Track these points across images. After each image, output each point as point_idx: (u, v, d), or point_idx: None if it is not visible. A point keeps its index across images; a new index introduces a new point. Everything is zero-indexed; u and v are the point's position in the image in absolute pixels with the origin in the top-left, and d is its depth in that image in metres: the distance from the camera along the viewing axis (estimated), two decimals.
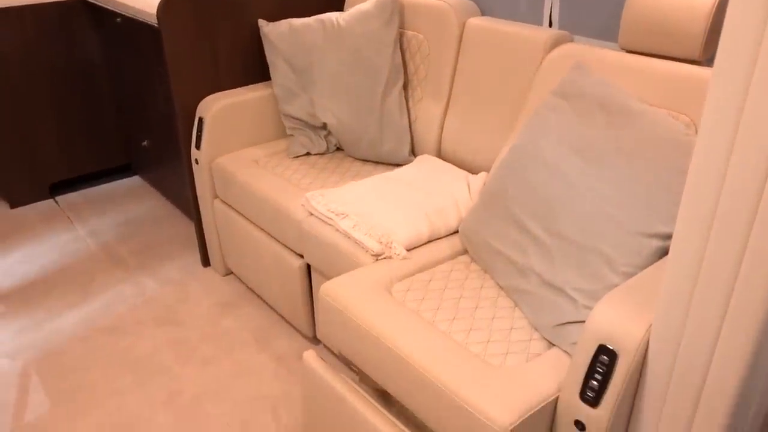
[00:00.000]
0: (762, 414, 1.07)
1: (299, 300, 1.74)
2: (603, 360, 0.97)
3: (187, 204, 2.32)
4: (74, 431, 1.57)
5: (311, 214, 1.61)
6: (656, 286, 1.03)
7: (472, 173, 1.73)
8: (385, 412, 1.24)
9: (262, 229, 1.83)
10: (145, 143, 2.57)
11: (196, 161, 1.99)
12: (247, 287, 2.12)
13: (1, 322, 1.97)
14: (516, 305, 1.28)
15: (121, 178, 2.91)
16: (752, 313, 0.83)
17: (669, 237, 1.10)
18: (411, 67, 1.92)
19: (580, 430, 1.03)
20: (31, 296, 2.09)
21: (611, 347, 0.96)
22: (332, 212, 1.54)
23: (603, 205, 1.17)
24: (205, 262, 2.23)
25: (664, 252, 1.12)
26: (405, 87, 1.93)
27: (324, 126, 1.97)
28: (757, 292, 0.82)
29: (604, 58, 1.43)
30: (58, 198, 2.73)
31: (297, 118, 1.98)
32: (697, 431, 0.94)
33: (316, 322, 1.78)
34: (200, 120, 1.94)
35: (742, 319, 0.84)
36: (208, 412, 1.62)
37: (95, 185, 2.84)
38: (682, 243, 0.88)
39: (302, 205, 1.63)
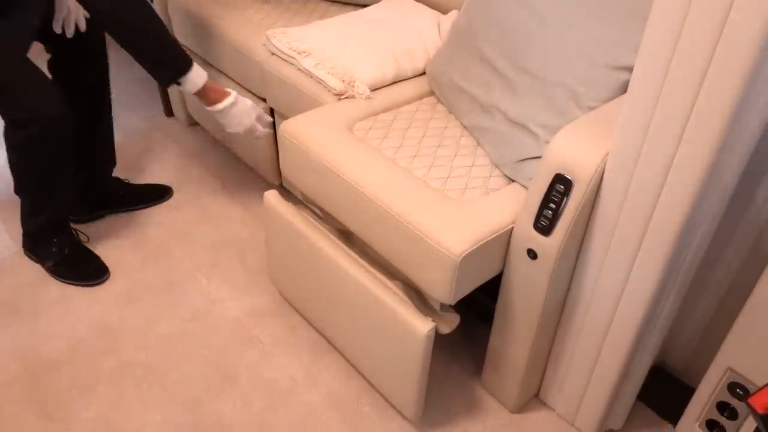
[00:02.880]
0: (706, 243, 1.10)
1: (264, 147, 1.71)
2: (559, 189, 0.97)
3: None
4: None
5: (273, 54, 1.52)
6: (616, 117, 1.01)
7: (445, 14, 1.64)
8: (346, 248, 1.25)
9: (223, 73, 1.75)
10: None
11: None
12: (213, 138, 2.07)
13: None
14: (479, 144, 1.26)
15: None
16: (708, 135, 0.82)
17: None
18: None
19: (531, 258, 1.05)
20: None
21: (568, 176, 0.96)
22: (294, 50, 1.46)
23: (573, 38, 1.11)
24: (168, 112, 2.15)
25: None
26: None
27: None
28: (715, 116, 0.80)
29: None
30: None
31: None
32: (643, 256, 0.97)
33: (282, 171, 1.75)
34: None
35: (697, 143, 0.83)
36: (176, 255, 1.64)
37: None
38: (645, 66, 0.85)
39: (263, 44, 1.55)
